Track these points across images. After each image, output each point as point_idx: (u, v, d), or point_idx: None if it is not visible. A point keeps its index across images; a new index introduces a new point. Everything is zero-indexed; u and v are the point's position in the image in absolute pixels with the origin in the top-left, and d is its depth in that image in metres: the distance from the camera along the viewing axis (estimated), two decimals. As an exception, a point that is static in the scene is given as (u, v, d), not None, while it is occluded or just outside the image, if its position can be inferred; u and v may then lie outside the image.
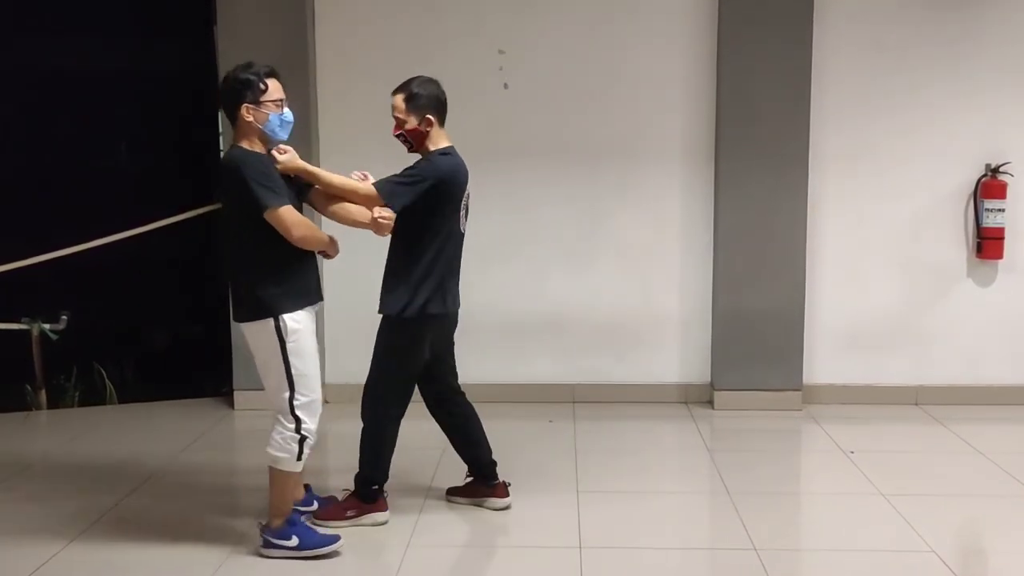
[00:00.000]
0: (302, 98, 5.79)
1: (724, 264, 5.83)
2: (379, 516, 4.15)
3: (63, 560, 3.89)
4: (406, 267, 4.04)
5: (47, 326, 5.92)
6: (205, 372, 6.21)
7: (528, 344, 6.07)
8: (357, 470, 4.19)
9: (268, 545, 3.87)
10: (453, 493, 4.46)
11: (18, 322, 5.94)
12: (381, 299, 4.11)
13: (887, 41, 5.80)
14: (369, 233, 4.04)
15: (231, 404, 5.97)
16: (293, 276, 3.82)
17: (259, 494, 4.49)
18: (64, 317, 5.94)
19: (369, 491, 4.15)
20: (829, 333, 5.97)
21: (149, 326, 6.21)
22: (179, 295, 6.23)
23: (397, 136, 4.11)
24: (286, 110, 3.86)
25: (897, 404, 5.93)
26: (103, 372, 6.08)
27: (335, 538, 3.91)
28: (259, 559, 3.88)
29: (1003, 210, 5.77)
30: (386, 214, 3.94)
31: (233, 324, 3.92)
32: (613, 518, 4.29)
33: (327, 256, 4.01)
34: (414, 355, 4.13)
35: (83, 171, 6.00)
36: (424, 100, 4.04)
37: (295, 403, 3.82)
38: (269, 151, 3.86)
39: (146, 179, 6.08)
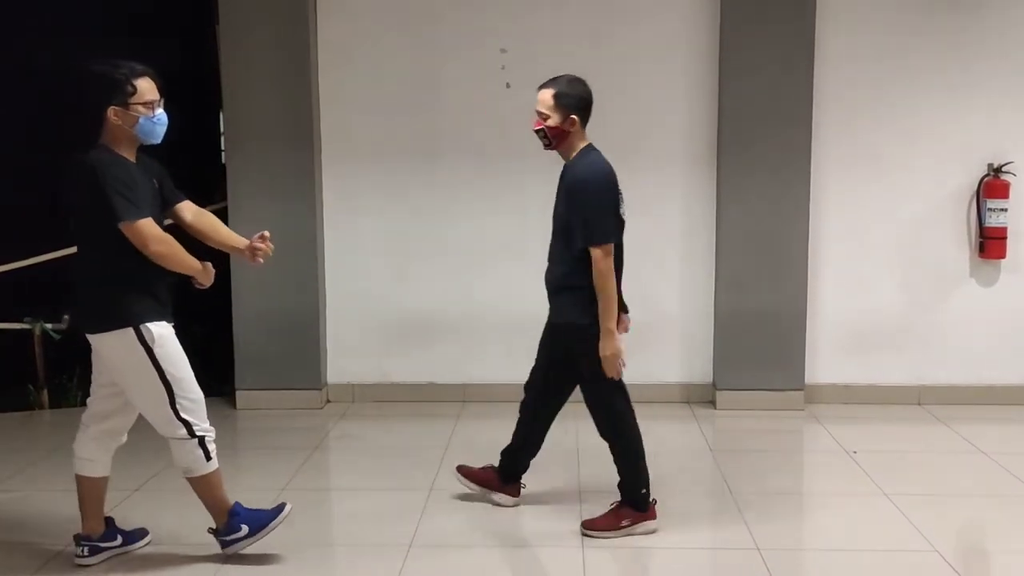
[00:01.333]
0: (303, 98, 5.80)
1: (726, 264, 5.83)
2: (651, 524, 4.07)
3: (65, 559, 3.89)
4: (583, 276, 3.92)
5: (49, 326, 5.93)
6: (207, 372, 6.18)
7: (530, 344, 6.03)
8: (619, 480, 4.11)
9: (226, 545, 3.82)
10: (466, 474, 4.40)
11: (20, 322, 5.94)
12: (559, 310, 4.03)
13: (889, 43, 5.79)
14: (381, 237, 4.00)
15: (233, 404, 5.97)
16: (152, 287, 3.64)
17: (260, 492, 4.50)
18: (66, 317, 5.93)
19: (639, 496, 4.06)
20: (831, 333, 5.96)
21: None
22: (181, 295, 6.21)
23: (537, 131, 4.02)
24: (159, 111, 3.62)
25: (900, 404, 5.92)
26: (105, 372, 6.07)
27: (281, 507, 3.82)
28: (261, 558, 3.87)
29: (1006, 210, 5.77)
30: (264, 247, 3.83)
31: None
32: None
33: (200, 285, 3.80)
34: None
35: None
36: (572, 100, 3.96)
37: (178, 408, 3.62)
38: (138, 155, 3.66)
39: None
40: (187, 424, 3.65)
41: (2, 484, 4.75)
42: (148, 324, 3.59)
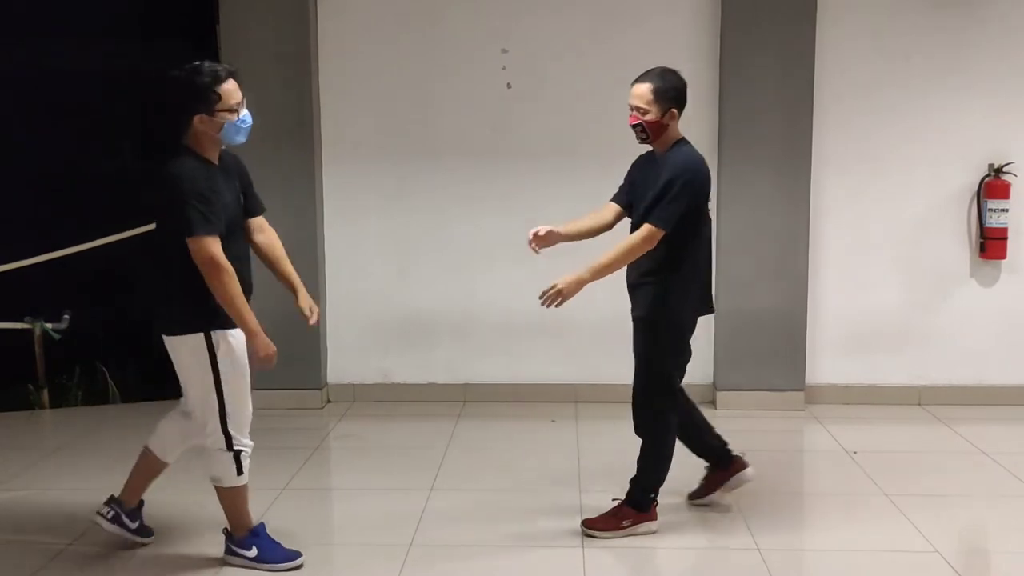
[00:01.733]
0: (304, 98, 5.80)
1: (727, 264, 5.82)
2: (652, 525, 4.06)
3: (67, 558, 3.90)
4: (674, 268, 3.93)
5: (49, 325, 5.93)
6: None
7: (531, 344, 6.06)
8: (634, 475, 4.11)
9: (229, 552, 3.82)
10: (697, 496, 4.36)
11: (21, 321, 5.94)
12: (641, 302, 4.04)
13: (889, 43, 5.79)
14: (381, 237, 4.02)
15: (233, 404, 5.97)
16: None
17: (260, 492, 4.50)
18: (66, 316, 5.94)
19: (644, 497, 4.06)
20: (832, 333, 5.96)
21: (151, 325, 6.20)
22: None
23: (634, 126, 3.98)
24: (244, 112, 3.59)
25: (900, 404, 5.92)
26: (106, 371, 6.08)
27: (296, 554, 3.80)
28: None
29: (1006, 210, 5.76)
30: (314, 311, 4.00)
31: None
32: (616, 518, 4.28)
33: (255, 350, 3.69)
34: (681, 349, 4.07)
35: (86, 170, 6.00)
36: (671, 93, 3.91)
37: (226, 420, 3.64)
38: (221, 157, 3.65)
39: (147, 178, 6.07)
40: (228, 437, 3.66)
41: (3, 484, 4.75)
42: (218, 331, 3.60)
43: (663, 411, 4.04)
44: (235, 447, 3.68)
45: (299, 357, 5.94)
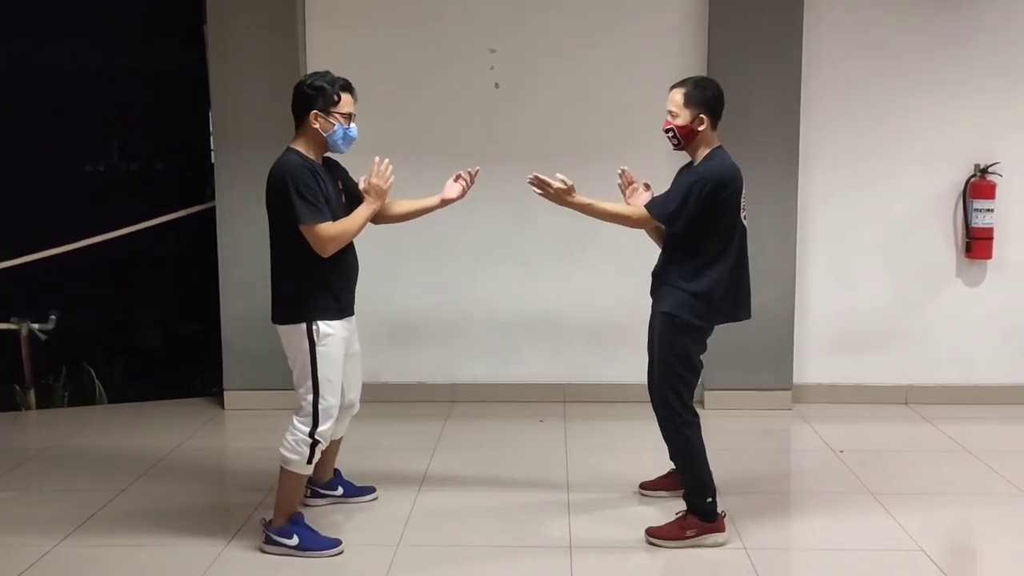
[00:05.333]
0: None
1: (715, 264, 5.84)
2: (719, 537, 3.98)
3: (54, 559, 3.88)
4: (693, 272, 3.96)
5: (36, 326, 5.91)
6: (195, 372, 6.20)
7: (520, 344, 6.07)
8: (684, 490, 4.10)
9: (269, 542, 3.89)
10: (651, 487, 4.42)
11: (7, 322, 5.92)
12: (664, 299, 4.03)
13: (877, 43, 5.82)
14: (370, 237, 4.04)
15: (221, 404, 5.96)
16: (332, 286, 3.88)
17: (249, 494, 4.50)
18: (53, 317, 5.92)
19: (705, 506, 3.99)
20: (819, 333, 5.99)
21: (139, 326, 6.20)
22: (169, 295, 6.21)
23: (666, 131, 4.02)
24: (353, 126, 3.93)
25: (886, 403, 5.95)
26: (92, 372, 6.06)
27: (336, 542, 3.93)
28: (250, 558, 3.88)
29: (992, 210, 5.80)
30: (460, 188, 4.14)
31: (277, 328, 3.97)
32: (603, 518, 4.29)
33: (375, 199, 3.99)
34: (695, 355, 4.08)
35: (73, 170, 5.99)
36: (702, 98, 3.94)
37: (319, 405, 3.86)
38: (325, 159, 3.93)
39: (136, 178, 6.07)
40: (315, 423, 3.87)
41: (-11, 485, 4.74)
42: (319, 322, 3.83)
43: (678, 408, 4.03)
44: (316, 436, 3.87)
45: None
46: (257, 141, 5.78)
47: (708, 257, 3.96)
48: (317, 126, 3.84)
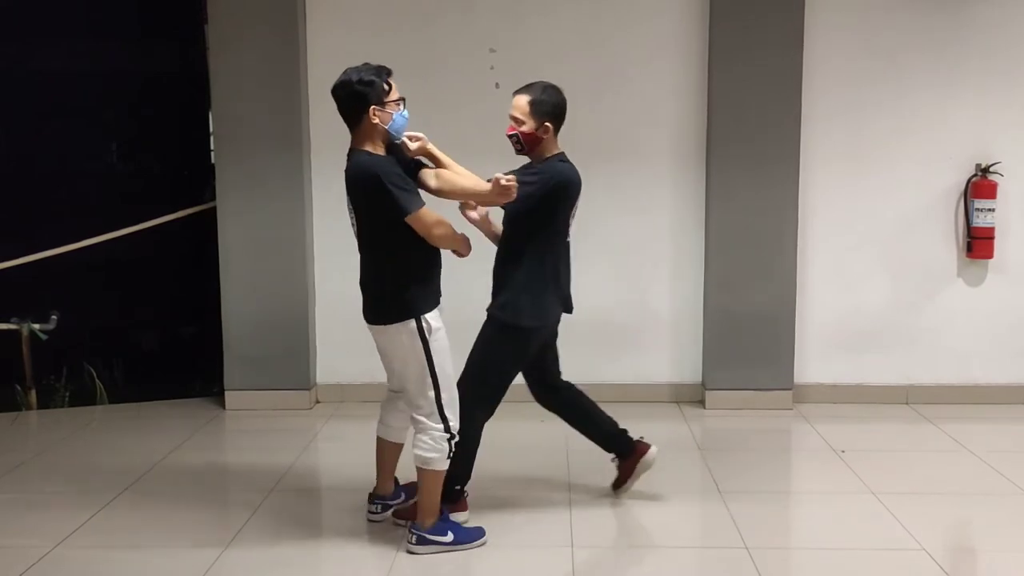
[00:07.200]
0: (293, 97, 5.79)
1: (715, 264, 5.84)
2: (460, 516, 4.11)
3: (54, 560, 3.88)
4: (519, 271, 4.02)
5: (37, 326, 5.90)
6: (196, 372, 6.19)
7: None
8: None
9: (422, 542, 3.89)
10: (619, 485, 4.43)
11: (8, 322, 5.92)
12: (496, 302, 4.10)
13: (877, 43, 5.81)
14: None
15: (222, 404, 5.96)
16: (429, 276, 3.87)
17: (249, 494, 4.49)
18: (54, 317, 5.92)
19: (452, 490, 4.09)
20: (820, 333, 5.98)
21: (139, 326, 6.20)
22: (170, 295, 6.21)
23: (510, 136, 4.08)
24: (404, 108, 3.87)
25: (887, 403, 5.94)
26: (93, 372, 6.06)
27: (481, 531, 3.99)
28: (250, 559, 3.88)
29: (993, 210, 5.79)
30: (511, 176, 3.85)
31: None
32: (604, 517, 4.30)
33: (460, 255, 3.95)
34: (520, 359, 4.14)
35: (73, 171, 5.98)
36: (547, 107, 4.01)
37: (442, 402, 3.82)
38: (388, 151, 3.86)
39: (136, 179, 6.06)
40: (445, 420, 3.83)
41: (-11, 485, 4.74)
42: (427, 316, 3.80)
43: (473, 399, 4.06)
44: (451, 430, 3.84)
45: (287, 357, 5.94)
46: (257, 142, 5.80)
47: (538, 254, 4.02)
48: (377, 120, 3.75)
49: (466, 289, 4.44)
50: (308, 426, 5.65)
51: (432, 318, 3.82)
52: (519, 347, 4.11)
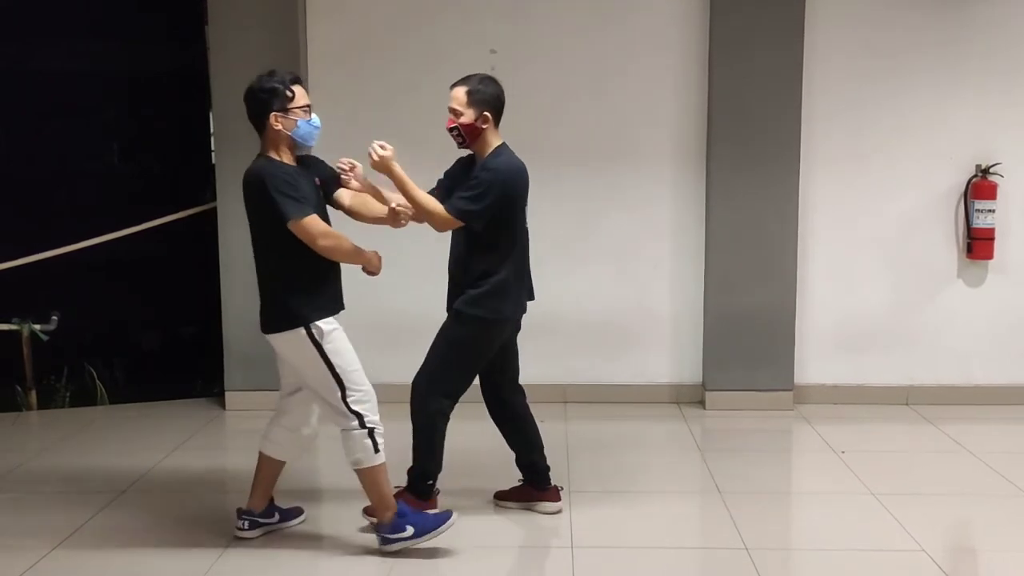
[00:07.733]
0: (293, 98, 5.79)
1: (715, 265, 5.84)
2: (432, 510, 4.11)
3: (54, 560, 3.88)
4: (484, 266, 4.03)
5: (37, 326, 5.91)
6: (196, 373, 6.20)
7: (520, 344, 6.04)
8: (411, 465, 4.18)
9: (386, 542, 3.88)
10: (502, 497, 4.41)
11: (8, 323, 5.92)
12: (463, 298, 4.09)
13: (877, 44, 5.81)
14: (367, 237, 4.02)
15: (222, 405, 5.96)
16: (321, 286, 3.82)
17: (245, 497, 4.48)
18: (55, 317, 5.92)
19: (424, 486, 4.12)
20: (820, 333, 5.98)
21: (140, 326, 6.20)
22: (170, 295, 6.21)
23: (450, 130, 4.07)
24: (314, 116, 3.87)
25: (888, 404, 5.94)
26: (94, 373, 6.06)
27: (447, 515, 3.92)
28: (250, 559, 3.88)
29: (993, 211, 5.79)
30: (404, 203, 3.90)
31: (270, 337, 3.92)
32: (605, 518, 4.29)
33: (370, 273, 3.96)
34: (482, 354, 4.15)
35: (73, 171, 5.98)
36: (485, 96, 4.01)
37: (349, 400, 3.80)
38: (298, 159, 3.87)
39: (137, 179, 6.07)
40: (358, 416, 3.80)
41: (-10, 485, 4.74)
42: (317, 322, 3.77)
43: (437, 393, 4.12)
44: (367, 424, 3.81)
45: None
46: (258, 142, 5.76)
47: (502, 248, 4.03)
48: (280, 127, 3.77)
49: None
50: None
51: (324, 323, 3.78)
52: (485, 340, 4.10)
